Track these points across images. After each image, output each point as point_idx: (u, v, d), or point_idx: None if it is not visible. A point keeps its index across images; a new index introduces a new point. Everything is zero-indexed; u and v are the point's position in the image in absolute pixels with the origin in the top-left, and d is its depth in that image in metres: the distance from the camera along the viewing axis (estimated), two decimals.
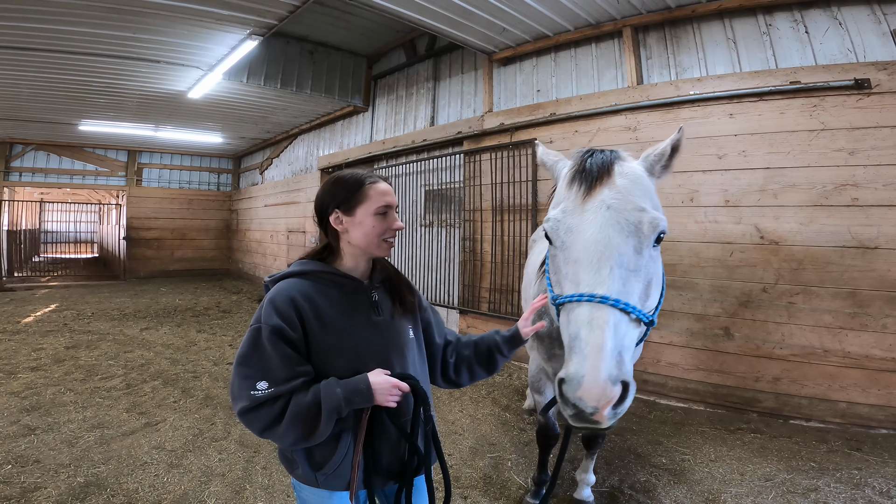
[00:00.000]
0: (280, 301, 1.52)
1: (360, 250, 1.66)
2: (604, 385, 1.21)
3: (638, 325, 1.40)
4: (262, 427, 1.44)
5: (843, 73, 4.24)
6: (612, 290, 1.34)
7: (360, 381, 1.48)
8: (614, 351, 1.25)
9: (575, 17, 5.73)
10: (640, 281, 1.41)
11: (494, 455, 3.91)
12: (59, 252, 23.05)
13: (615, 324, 1.29)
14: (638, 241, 1.42)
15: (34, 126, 11.82)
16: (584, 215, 1.48)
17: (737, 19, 4.95)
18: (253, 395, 1.43)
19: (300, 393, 1.45)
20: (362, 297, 1.65)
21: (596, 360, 1.24)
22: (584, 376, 1.23)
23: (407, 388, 1.54)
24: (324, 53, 8.93)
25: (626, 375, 1.27)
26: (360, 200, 1.62)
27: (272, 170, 14.33)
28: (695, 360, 4.94)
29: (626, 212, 1.44)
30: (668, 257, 5.02)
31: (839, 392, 4.30)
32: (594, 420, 1.24)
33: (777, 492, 3.30)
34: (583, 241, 1.44)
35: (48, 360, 6.16)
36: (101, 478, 3.40)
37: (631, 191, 1.50)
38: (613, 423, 1.28)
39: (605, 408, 1.21)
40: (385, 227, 1.64)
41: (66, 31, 6.34)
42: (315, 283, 1.61)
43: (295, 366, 1.48)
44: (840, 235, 4.26)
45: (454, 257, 7.63)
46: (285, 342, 1.47)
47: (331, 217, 1.64)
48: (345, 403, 1.45)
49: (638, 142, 5.24)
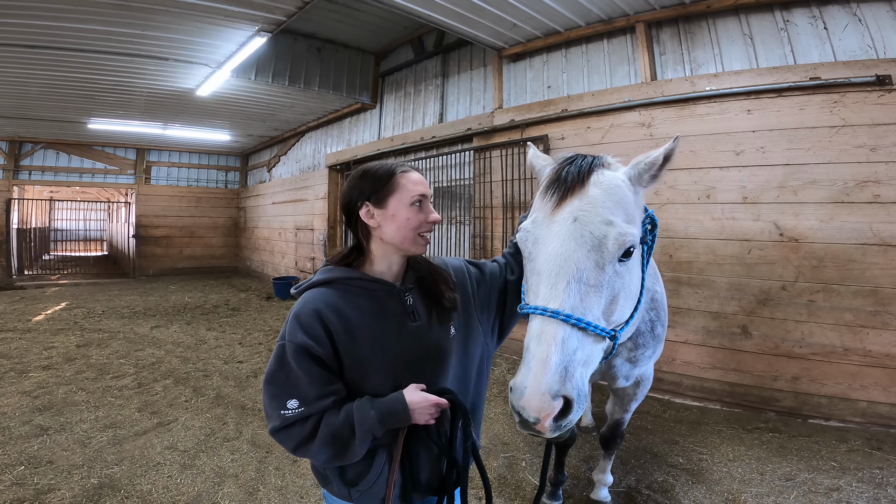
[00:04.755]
0: (304, 316, 1.41)
1: (393, 248, 1.53)
2: (542, 398, 1.22)
3: (600, 341, 1.38)
4: (294, 446, 1.39)
5: (864, 70, 4.18)
6: (565, 304, 1.33)
7: (396, 402, 1.39)
8: (559, 366, 1.26)
9: (587, 12, 5.66)
10: (601, 296, 1.38)
11: (508, 455, 3.88)
12: (69, 250, 23.23)
13: (563, 339, 1.29)
14: (600, 256, 1.38)
15: (43, 125, 11.86)
16: (552, 227, 1.45)
17: (753, 15, 4.88)
18: (283, 414, 1.38)
19: (332, 413, 1.39)
20: (395, 303, 1.52)
21: (538, 374, 1.25)
22: (526, 388, 1.25)
23: (446, 403, 1.44)
24: (331, 50, 8.90)
25: (569, 391, 1.25)
26: (391, 191, 1.50)
27: (280, 167, 14.32)
28: (711, 358, 4.89)
29: (591, 225, 1.41)
30: (684, 254, 4.97)
31: (859, 391, 4.24)
32: (537, 430, 1.25)
33: (799, 491, 3.27)
34: (545, 253, 1.43)
35: (59, 359, 6.18)
36: (115, 479, 3.39)
37: (602, 202, 1.45)
38: (562, 434, 1.29)
39: (545, 419, 1.22)
40: (421, 218, 1.50)
41: (75, 29, 6.33)
42: (343, 291, 1.49)
43: (324, 385, 1.40)
44: (861, 233, 4.19)
45: (464, 255, 7.59)
46: (312, 360, 1.39)
47: (361, 212, 1.51)
48: (380, 425, 1.37)
49: (652, 138, 5.18)
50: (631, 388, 2.74)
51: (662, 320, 2.34)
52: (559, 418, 1.24)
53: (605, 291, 1.39)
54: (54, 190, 17.44)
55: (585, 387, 1.32)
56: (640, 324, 2.20)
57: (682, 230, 5.01)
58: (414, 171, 1.56)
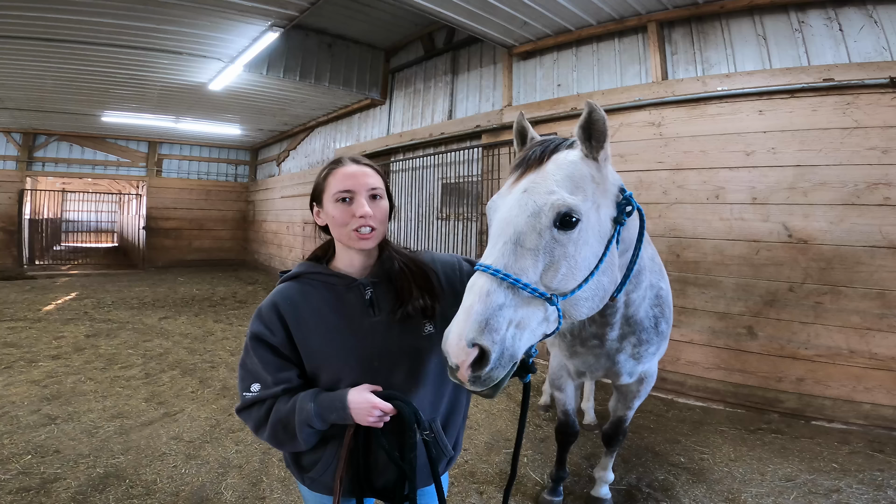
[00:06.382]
0: (264, 308, 1.51)
1: (341, 245, 1.55)
2: (458, 344, 1.25)
3: (535, 304, 1.38)
4: (253, 427, 1.47)
5: (879, 71, 4.16)
6: (497, 262, 1.37)
7: (338, 399, 1.39)
8: (480, 315, 1.28)
9: (598, 11, 5.66)
10: (537, 260, 1.40)
11: (510, 451, 3.88)
12: (80, 241, 23.40)
13: (489, 291, 1.32)
14: (537, 221, 1.42)
15: (58, 117, 12.00)
16: (508, 197, 1.52)
17: (767, 16, 4.86)
18: (244, 395, 1.47)
19: (283, 400, 1.44)
20: (353, 297, 1.52)
21: (459, 320, 1.29)
22: (449, 333, 1.29)
23: (390, 409, 1.38)
24: (342, 46, 8.93)
25: (486, 342, 1.26)
26: (323, 189, 1.52)
27: (289, 162, 14.39)
28: (716, 358, 4.88)
29: (536, 194, 1.47)
30: (692, 254, 4.96)
31: (864, 393, 4.24)
32: (459, 379, 1.29)
33: (798, 492, 3.27)
34: (496, 219, 1.51)
35: (69, 349, 6.26)
36: (121, 468, 3.43)
37: (552, 175, 1.50)
38: (484, 390, 1.31)
39: (463, 366, 1.25)
40: (347, 215, 1.46)
41: (92, 22, 6.40)
42: (305, 285, 1.54)
43: (276, 371, 1.46)
44: (871, 235, 4.17)
45: (471, 251, 7.59)
46: (266, 347, 1.47)
47: (313, 212, 1.57)
48: (317, 419, 1.38)
49: (662, 137, 5.17)
50: (634, 385, 2.74)
51: (667, 317, 2.34)
52: (476, 369, 1.26)
53: (541, 256, 1.41)
54: (66, 181, 17.57)
55: (515, 347, 1.32)
56: (643, 319, 2.20)
57: (690, 230, 5.00)
58: (352, 163, 1.53)
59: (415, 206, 8.67)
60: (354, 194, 1.47)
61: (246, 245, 16.98)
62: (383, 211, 1.53)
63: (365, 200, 1.48)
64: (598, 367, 2.50)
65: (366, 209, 1.46)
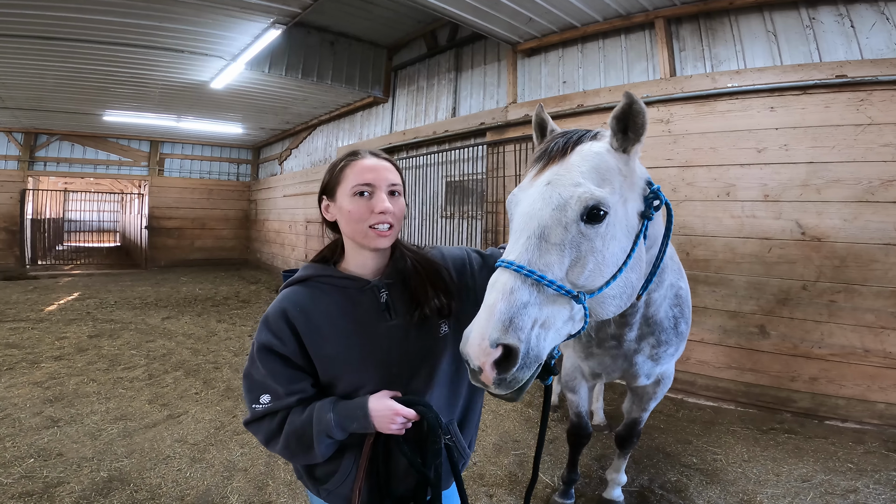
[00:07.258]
0: (272, 315, 1.42)
1: (354, 243, 1.47)
2: (481, 344, 1.19)
3: (561, 302, 1.31)
4: (264, 439, 1.40)
5: (892, 68, 4.11)
6: (521, 258, 1.31)
7: (358, 407, 1.34)
8: (504, 314, 1.22)
9: (604, 7, 5.60)
10: (563, 255, 1.34)
11: (519, 452, 3.84)
12: (82, 241, 23.36)
13: (512, 288, 1.25)
14: (563, 215, 1.36)
15: (59, 116, 11.95)
16: (530, 190, 1.46)
17: (777, 12, 4.81)
18: (254, 408, 1.40)
19: (297, 411, 1.38)
20: (367, 300, 1.45)
21: (481, 319, 1.23)
22: (470, 334, 1.23)
23: (413, 415, 1.34)
24: (344, 44, 8.88)
25: (511, 340, 1.19)
26: (338, 181, 1.44)
27: (291, 160, 14.35)
28: (727, 358, 4.82)
29: (560, 186, 1.40)
30: (702, 252, 4.91)
31: (878, 393, 4.19)
32: (482, 382, 1.22)
33: (815, 493, 3.23)
34: (518, 213, 1.44)
35: (71, 350, 6.21)
36: (125, 472, 3.38)
37: (577, 166, 1.44)
38: (509, 393, 1.24)
39: (485, 367, 1.18)
40: (365, 210, 1.39)
41: (93, 21, 6.34)
42: (314, 289, 1.46)
43: (289, 383, 1.39)
44: (886, 232, 4.11)
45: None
46: (276, 358, 1.39)
47: (321, 206, 1.49)
48: (337, 429, 1.33)
49: (671, 134, 5.10)
50: (651, 387, 2.68)
51: (686, 317, 2.28)
52: (501, 371, 1.20)
53: (567, 251, 1.35)
54: (68, 181, 17.54)
55: (540, 348, 1.26)
56: (663, 320, 2.15)
57: (700, 228, 4.94)
58: (371, 156, 1.46)
59: (419, 205, 8.62)
60: (374, 189, 1.41)
61: (248, 244, 16.93)
62: (402, 209, 1.47)
63: (385, 196, 1.42)
64: (614, 369, 2.44)
65: (386, 204, 1.40)
